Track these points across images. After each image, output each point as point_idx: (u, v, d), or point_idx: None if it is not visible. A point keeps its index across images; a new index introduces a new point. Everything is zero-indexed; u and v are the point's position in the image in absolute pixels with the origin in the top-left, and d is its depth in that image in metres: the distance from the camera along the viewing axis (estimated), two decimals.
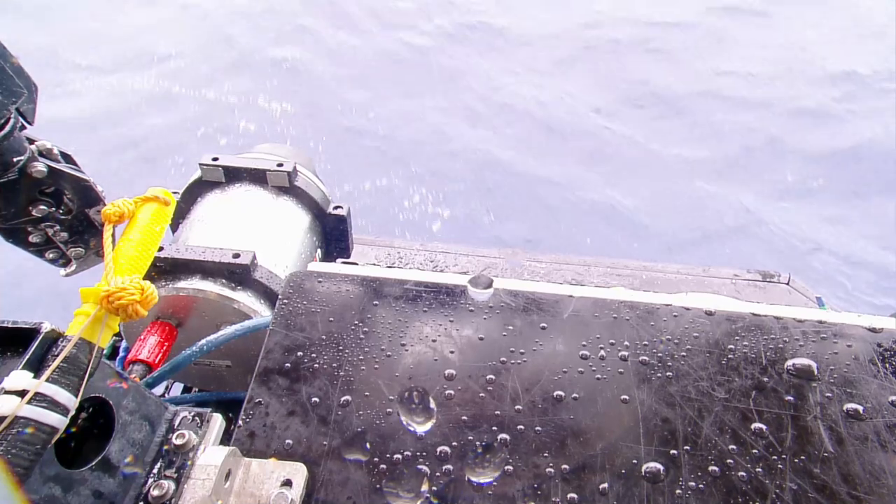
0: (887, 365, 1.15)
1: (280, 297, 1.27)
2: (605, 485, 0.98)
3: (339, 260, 2.27)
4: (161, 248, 1.68)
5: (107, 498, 0.83)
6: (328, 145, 7.55)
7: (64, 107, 7.96)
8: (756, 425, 1.05)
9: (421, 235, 6.43)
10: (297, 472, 0.95)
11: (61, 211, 1.28)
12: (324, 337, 1.19)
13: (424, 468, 1.00)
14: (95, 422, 0.88)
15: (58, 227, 1.30)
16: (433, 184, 7.20)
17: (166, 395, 2.21)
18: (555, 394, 1.10)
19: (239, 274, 1.70)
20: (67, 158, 1.27)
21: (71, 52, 9.01)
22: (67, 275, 1.40)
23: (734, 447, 1.02)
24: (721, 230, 6.97)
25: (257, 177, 2.03)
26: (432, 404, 1.09)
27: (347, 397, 1.09)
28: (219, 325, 1.65)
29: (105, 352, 0.88)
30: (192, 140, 7.58)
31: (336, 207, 2.18)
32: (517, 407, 1.08)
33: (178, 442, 0.92)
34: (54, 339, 0.79)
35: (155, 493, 0.86)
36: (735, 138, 8.05)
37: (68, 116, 7.75)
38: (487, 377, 1.13)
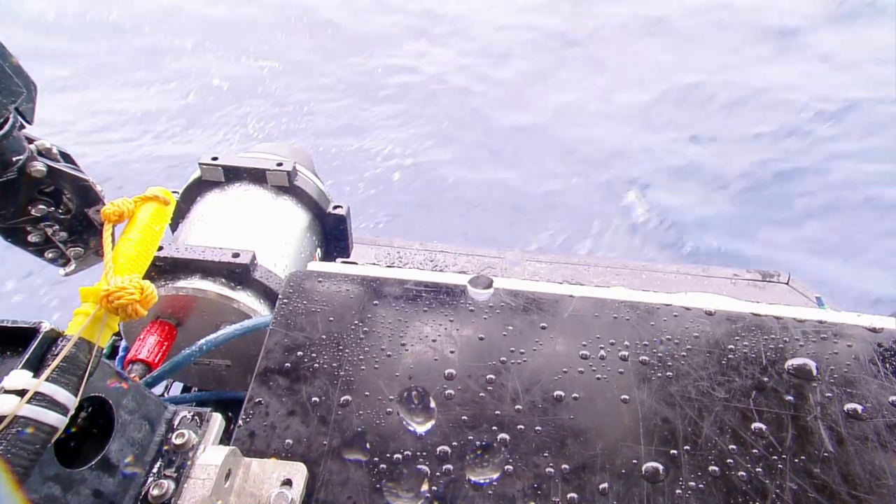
0: (887, 365, 1.15)
1: (280, 296, 1.26)
2: (605, 485, 0.98)
3: (338, 259, 2.27)
4: (161, 248, 1.68)
5: (106, 497, 0.83)
6: None
7: None
8: (756, 425, 1.05)
9: None
10: (297, 472, 0.94)
11: (60, 210, 1.28)
12: (324, 337, 1.19)
13: (424, 468, 1.00)
14: (95, 421, 0.88)
15: (57, 227, 1.30)
16: None
17: (166, 394, 2.20)
18: (555, 394, 1.10)
19: (239, 273, 1.69)
20: (67, 158, 1.27)
21: None
22: (67, 274, 1.40)
23: (734, 447, 1.02)
24: None
25: (257, 176, 2.02)
26: (432, 404, 1.08)
27: (347, 397, 1.09)
28: (218, 325, 1.65)
29: (105, 351, 0.88)
30: None
31: (336, 207, 2.18)
32: (517, 407, 1.08)
33: (178, 441, 0.92)
34: (54, 338, 0.79)
35: (155, 492, 0.86)
36: None
37: None
38: (487, 377, 1.13)
